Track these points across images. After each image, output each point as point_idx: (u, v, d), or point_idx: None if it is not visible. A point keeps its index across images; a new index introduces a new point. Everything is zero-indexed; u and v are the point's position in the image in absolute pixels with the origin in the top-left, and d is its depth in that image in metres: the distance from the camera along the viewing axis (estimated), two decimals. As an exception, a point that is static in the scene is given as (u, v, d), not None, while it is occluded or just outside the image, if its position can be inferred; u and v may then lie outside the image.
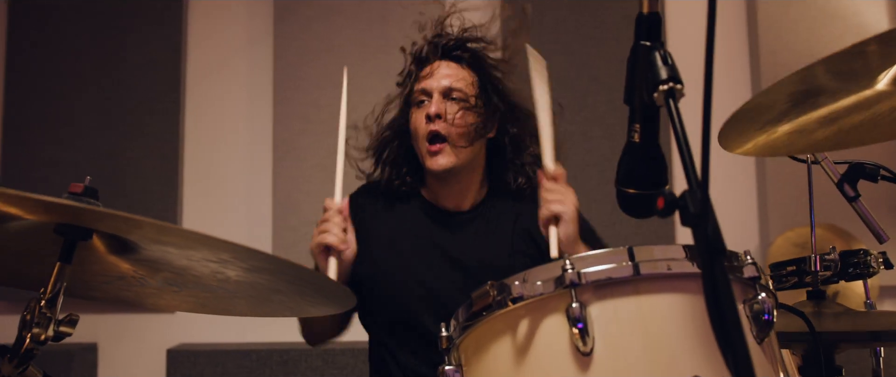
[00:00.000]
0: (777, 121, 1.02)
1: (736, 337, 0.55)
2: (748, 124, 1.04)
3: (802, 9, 3.35)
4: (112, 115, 3.05)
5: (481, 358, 0.86)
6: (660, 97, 0.67)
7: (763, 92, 0.97)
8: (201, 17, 3.20)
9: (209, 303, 1.06)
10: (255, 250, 0.81)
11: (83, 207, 0.78)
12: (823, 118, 1.01)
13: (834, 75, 0.98)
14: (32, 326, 0.80)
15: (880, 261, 1.45)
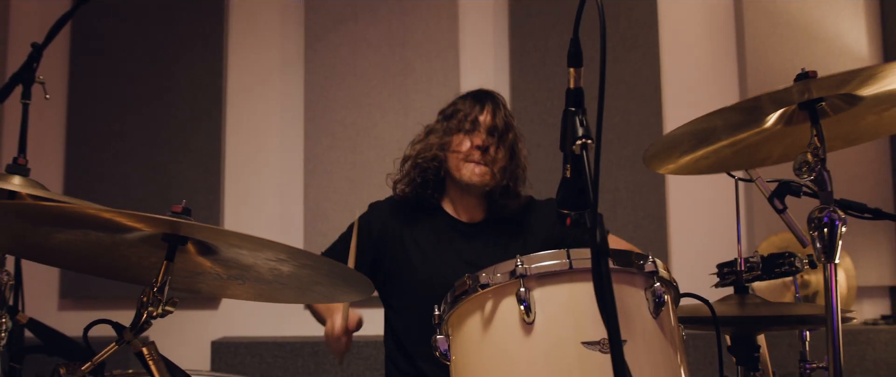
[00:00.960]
0: (690, 150, 1.35)
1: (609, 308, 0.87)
2: (668, 152, 1.37)
3: (787, 31, 3.63)
4: (161, 133, 3.39)
5: (461, 329, 1.18)
6: (578, 148, 0.99)
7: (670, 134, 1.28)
8: (239, 45, 3.53)
9: (264, 293, 1.40)
10: (304, 251, 1.13)
11: (183, 222, 1.10)
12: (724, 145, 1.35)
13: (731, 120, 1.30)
14: (148, 306, 1.14)
15: (805, 262, 1.72)
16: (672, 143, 1.35)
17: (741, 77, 3.56)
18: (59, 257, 1.33)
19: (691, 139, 1.32)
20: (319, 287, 1.32)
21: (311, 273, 1.26)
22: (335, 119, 3.38)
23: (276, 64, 3.53)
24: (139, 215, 1.07)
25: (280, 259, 1.18)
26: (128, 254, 1.28)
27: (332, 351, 1.78)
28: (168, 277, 1.14)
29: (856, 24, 3.60)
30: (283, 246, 1.10)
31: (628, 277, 1.14)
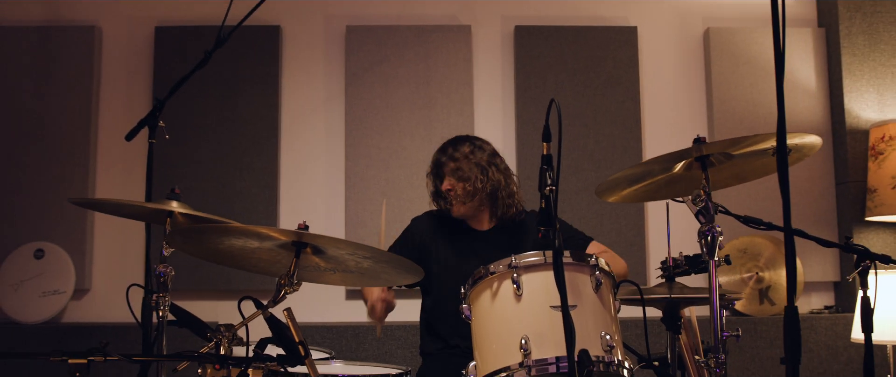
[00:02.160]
0: (628, 186, 2.03)
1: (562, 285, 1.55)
2: (613, 188, 2.06)
3: (747, 69, 4.12)
4: (227, 157, 3.92)
5: (478, 300, 1.86)
6: (546, 191, 1.66)
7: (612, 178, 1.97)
8: (291, 83, 4.07)
9: (348, 279, 2.10)
10: (379, 249, 1.83)
11: (305, 233, 1.79)
12: (650, 182, 2.03)
13: (653, 167, 1.99)
14: (284, 287, 1.83)
15: (721, 260, 2.37)
16: (615, 183, 2.05)
17: (709, 108, 4.12)
18: (222, 258, 2.03)
19: (627, 180, 2.02)
20: (385, 274, 2.02)
21: (383, 265, 1.96)
22: (371, 144, 3.96)
23: (322, 99, 4.07)
24: (281, 230, 1.77)
25: (364, 256, 1.87)
26: (261, 255, 1.97)
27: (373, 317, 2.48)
28: (296, 270, 1.84)
29: (806, 63, 4.11)
30: (368, 246, 1.79)
31: (580, 267, 1.82)
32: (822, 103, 4.11)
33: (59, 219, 3.90)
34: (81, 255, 3.89)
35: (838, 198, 4.04)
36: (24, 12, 4.10)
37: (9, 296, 3.81)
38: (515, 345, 1.71)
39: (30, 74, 3.99)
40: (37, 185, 3.91)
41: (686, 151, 1.93)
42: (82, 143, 3.96)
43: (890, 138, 3.63)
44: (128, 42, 4.09)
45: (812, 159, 4.01)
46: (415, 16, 4.13)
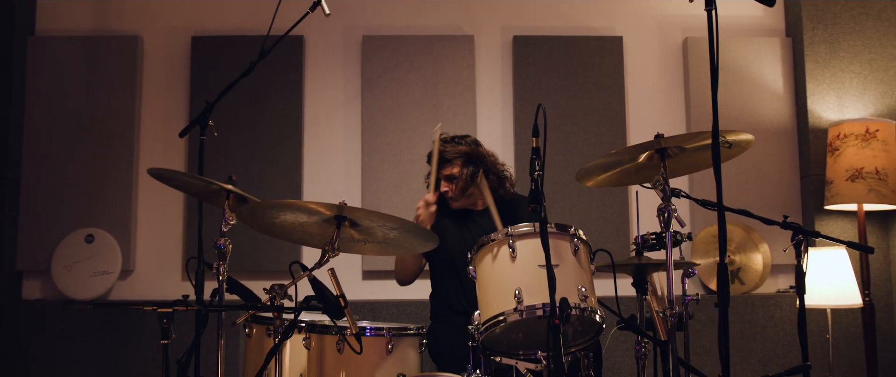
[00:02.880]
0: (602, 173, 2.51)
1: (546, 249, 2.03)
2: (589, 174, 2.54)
3: (723, 74, 4.61)
4: (256, 152, 4.36)
5: (481, 261, 2.33)
6: (535, 176, 2.13)
7: (589, 165, 2.45)
8: (313, 87, 4.51)
9: (376, 249, 2.57)
10: (407, 221, 2.31)
11: (346, 207, 2.27)
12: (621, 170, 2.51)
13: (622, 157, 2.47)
14: (328, 253, 2.30)
15: (685, 237, 2.82)
16: (591, 169, 2.53)
17: (687, 109, 4.59)
18: (276, 230, 2.51)
19: (600, 167, 2.50)
20: (407, 243, 2.51)
21: (405, 234, 2.44)
22: (384, 141, 4.41)
23: (341, 101, 4.53)
24: (327, 204, 2.24)
25: (390, 227, 2.35)
26: (308, 228, 2.45)
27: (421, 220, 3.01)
28: (337, 240, 2.32)
29: (775, 69, 4.57)
30: (398, 218, 2.27)
31: (562, 235, 2.30)
32: (789, 105, 4.58)
33: (106, 208, 4.37)
34: (127, 240, 4.37)
35: (802, 189, 4.52)
36: (74, 24, 4.57)
37: (63, 277, 4.28)
38: (511, 295, 2.19)
39: (80, 79, 4.45)
40: (86, 177, 4.38)
41: (648, 144, 2.41)
42: (127, 140, 4.43)
43: (845, 136, 4.10)
44: (167, 50, 4.56)
45: (780, 155, 4.51)
46: (424, 26, 4.60)
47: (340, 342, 2.47)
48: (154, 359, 4.13)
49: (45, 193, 4.36)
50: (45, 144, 4.40)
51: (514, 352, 2.37)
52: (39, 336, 4.16)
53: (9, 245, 4.29)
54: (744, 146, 2.60)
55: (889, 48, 4.49)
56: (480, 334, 2.29)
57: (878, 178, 3.97)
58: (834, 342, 4.23)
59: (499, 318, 2.21)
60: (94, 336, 4.19)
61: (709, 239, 4.47)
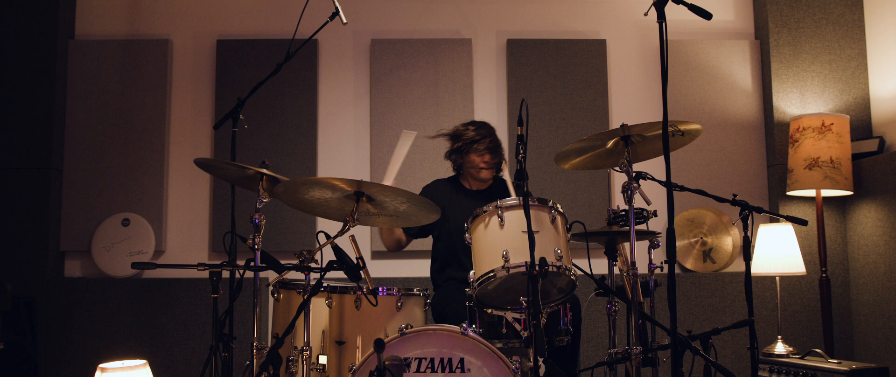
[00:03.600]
0: (576, 157, 3.00)
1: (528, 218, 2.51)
2: (565, 158, 3.02)
3: (696, 73, 5.02)
4: (275, 144, 4.83)
5: (476, 229, 2.80)
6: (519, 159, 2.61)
7: (564, 149, 2.93)
8: (327, 85, 4.99)
9: (388, 221, 3.05)
10: (414, 194, 2.78)
11: (364, 183, 2.74)
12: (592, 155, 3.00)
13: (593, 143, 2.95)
14: (348, 224, 2.78)
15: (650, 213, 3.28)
16: (566, 154, 3.01)
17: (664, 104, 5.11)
18: (304, 205, 2.99)
19: (575, 152, 2.98)
20: (414, 215, 2.98)
21: (413, 207, 2.92)
22: (391, 134, 4.83)
23: (351, 98, 5.01)
24: (348, 180, 2.72)
25: (401, 201, 2.83)
26: (331, 203, 2.93)
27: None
28: (356, 213, 2.80)
29: (744, 68, 5.05)
30: (408, 192, 2.76)
31: (542, 207, 2.77)
32: (757, 101, 5.06)
33: (141, 195, 4.86)
34: (159, 223, 4.85)
35: (769, 177, 5.00)
36: (109, 28, 5.05)
37: (102, 256, 4.77)
38: (499, 256, 2.67)
39: (115, 78, 4.94)
40: (122, 167, 4.86)
41: (614, 131, 2.89)
42: (158, 133, 4.91)
43: (804, 129, 4.57)
44: (194, 52, 5.04)
45: (748, 146, 4.99)
46: (426, 31, 5.08)
47: (358, 300, 2.95)
48: (184, 328, 4.62)
49: (85, 181, 4.84)
50: (85, 137, 4.88)
51: (503, 306, 2.85)
52: (81, 309, 4.65)
53: (53, 228, 4.77)
54: (693, 134, 3.07)
55: (847, 50, 4.96)
56: (474, 290, 2.77)
57: (833, 166, 4.44)
58: (795, 315, 4.72)
59: (490, 275, 2.69)
60: (130, 308, 4.67)
61: (683, 223, 4.94)
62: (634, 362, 2.89)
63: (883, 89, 4.82)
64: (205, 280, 4.48)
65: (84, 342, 4.62)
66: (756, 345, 3.18)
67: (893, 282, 4.33)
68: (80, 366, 4.57)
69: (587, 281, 3.19)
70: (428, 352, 2.50)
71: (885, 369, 3.15)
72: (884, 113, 4.80)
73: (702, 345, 3.05)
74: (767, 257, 4.22)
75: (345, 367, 2.92)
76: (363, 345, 2.93)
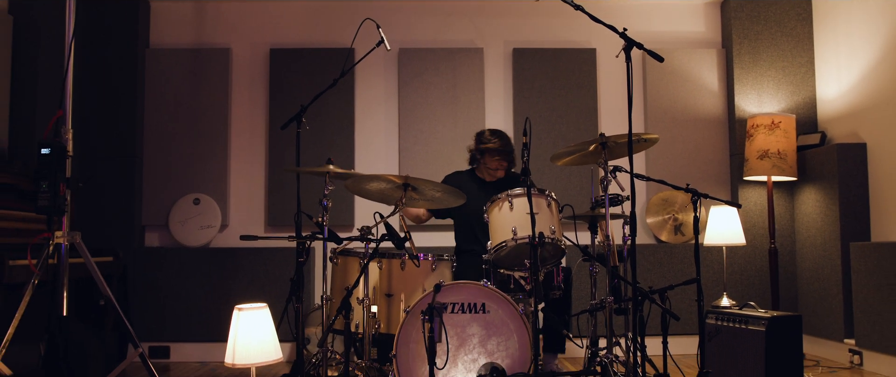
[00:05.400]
0: (567, 156, 3.99)
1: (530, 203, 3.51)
2: (559, 157, 4.01)
3: (672, 78, 6.03)
4: (319, 139, 5.79)
5: (491, 211, 3.79)
6: (524, 160, 3.60)
7: (559, 151, 3.93)
8: (362, 87, 5.92)
9: (425, 204, 4.05)
10: (445, 185, 3.77)
11: (410, 178, 3.73)
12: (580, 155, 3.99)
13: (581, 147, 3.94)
14: (398, 208, 3.77)
15: (624, 198, 4.26)
16: (559, 155, 4.00)
17: (646, 104, 6.04)
18: (362, 192, 3.98)
19: (566, 153, 3.97)
20: (445, 200, 3.98)
21: (444, 194, 3.91)
22: (416, 129, 5.83)
23: (382, 98, 5.96)
24: (399, 176, 3.72)
25: (436, 189, 3.83)
26: (383, 191, 3.93)
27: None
28: (403, 199, 3.79)
29: (712, 73, 5.97)
30: (442, 185, 3.75)
31: (541, 195, 3.75)
32: (722, 101, 6.04)
33: (209, 179, 5.85)
34: (224, 203, 5.85)
35: (731, 165, 5.98)
36: (178, 38, 6.02)
37: (178, 229, 5.77)
38: (509, 231, 3.66)
39: (184, 81, 5.91)
40: (193, 156, 5.85)
41: (595, 140, 3.88)
42: (222, 128, 5.90)
43: (757, 126, 5.55)
44: (251, 59, 6.01)
45: (714, 139, 5.96)
46: (445, 41, 6.04)
47: (403, 263, 3.95)
48: (248, 288, 5.61)
49: (162, 168, 5.84)
50: (161, 131, 5.87)
51: (512, 267, 3.85)
52: (159, 274, 5.65)
53: (136, 206, 5.77)
54: (652, 141, 4.04)
55: (798, 58, 5.92)
56: (491, 255, 3.77)
57: (780, 157, 5.43)
58: (748, 278, 5.73)
59: (502, 244, 3.69)
60: (202, 273, 5.68)
61: (658, 202, 5.93)
62: (608, 310, 3.89)
63: (827, 91, 5.78)
64: (264, 249, 5.53)
65: (162, 300, 5.63)
66: (702, 298, 4.19)
67: (827, 252, 5.33)
68: (159, 319, 5.58)
69: (577, 250, 4.19)
70: (459, 299, 3.48)
71: (799, 317, 4.11)
72: (827, 111, 5.77)
73: (661, 298, 4.05)
74: (717, 231, 5.24)
75: (392, 314, 3.92)
76: (406, 298, 3.92)
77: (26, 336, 3.41)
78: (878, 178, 5.08)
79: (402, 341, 3.41)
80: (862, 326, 4.84)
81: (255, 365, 3.29)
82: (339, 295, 4.01)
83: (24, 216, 4.08)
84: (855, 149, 5.22)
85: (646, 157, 5.92)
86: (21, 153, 4.72)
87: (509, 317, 3.41)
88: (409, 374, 3.37)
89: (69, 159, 3.33)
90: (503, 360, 3.36)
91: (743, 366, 4.02)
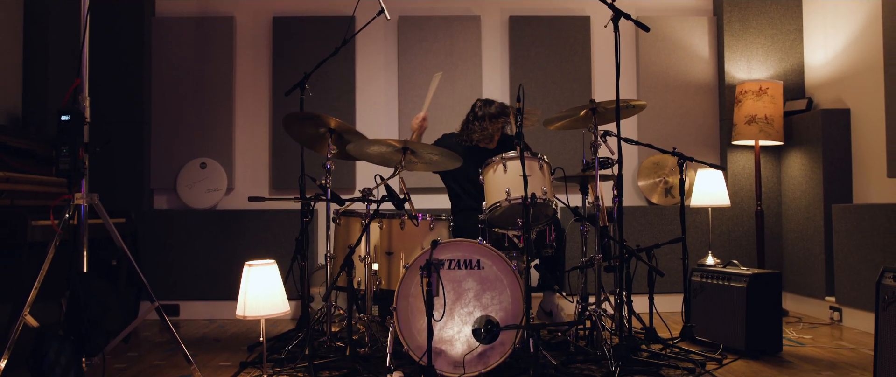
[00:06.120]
0: (560, 120, 4.18)
1: (523, 166, 3.72)
2: (552, 122, 4.20)
3: (663, 45, 6.22)
4: (321, 103, 5.95)
5: (487, 172, 3.97)
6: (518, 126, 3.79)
7: (552, 116, 4.12)
8: (362, 53, 6.10)
9: (424, 167, 4.25)
10: (442, 148, 3.97)
11: (409, 142, 3.92)
12: (572, 119, 4.18)
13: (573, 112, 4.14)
14: (399, 170, 3.97)
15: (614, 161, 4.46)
16: (551, 119, 4.19)
17: (638, 71, 6.22)
18: (363, 156, 4.18)
19: (558, 118, 4.16)
20: (442, 162, 4.18)
21: (441, 157, 4.11)
22: (415, 94, 6.01)
23: (382, 65, 6.14)
24: (398, 140, 3.92)
25: (434, 153, 4.03)
26: (383, 155, 4.13)
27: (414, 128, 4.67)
28: (404, 161, 3.99)
29: (703, 40, 6.16)
30: (439, 148, 3.95)
31: (533, 158, 3.94)
32: (713, 68, 6.21)
33: (215, 144, 6.06)
34: (230, 166, 6.06)
35: (720, 130, 6.18)
36: (183, 6, 6.18)
37: (185, 192, 5.98)
38: (503, 192, 3.87)
39: (190, 49, 6.08)
40: (199, 122, 6.05)
41: (584, 105, 4.06)
42: (227, 94, 6.09)
43: (745, 92, 5.73)
44: (254, 27, 6.18)
45: (704, 105, 6.14)
46: (443, 9, 6.20)
47: (402, 223, 4.16)
48: (253, 247, 5.82)
49: (169, 133, 6.04)
50: (168, 97, 6.05)
51: (506, 226, 4.06)
52: (168, 235, 5.87)
53: (144, 170, 5.97)
54: (640, 107, 4.23)
55: (787, 25, 6.08)
56: (486, 215, 3.97)
57: (767, 122, 5.62)
58: (735, 239, 5.95)
59: (496, 205, 3.90)
60: (209, 234, 5.90)
61: (650, 165, 6.14)
62: (597, 267, 4.11)
63: (814, 58, 5.95)
64: (268, 211, 5.74)
65: (172, 259, 5.85)
66: (687, 257, 4.42)
67: (811, 213, 5.54)
68: (169, 278, 5.82)
69: (570, 212, 4.40)
70: (455, 256, 3.68)
71: (779, 274, 4.31)
72: (814, 78, 5.95)
73: (647, 256, 4.27)
74: (703, 193, 5.45)
75: (393, 271, 4.14)
76: (406, 256, 4.14)
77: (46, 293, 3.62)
78: (861, 142, 5.28)
79: (401, 295, 3.63)
80: (842, 284, 5.07)
81: (264, 317, 3.51)
82: (341, 253, 4.23)
83: (41, 180, 4.27)
84: (839, 114, 5.41)
85: (637, 122, 6.11)
86: (35, 120, 4.91)
87: (503, 273, 3.63)
88: (408, 326, 3.59)
89: (87, 125, 3.52)
90: (497, 313, 3.59)
91: (725, 320, 4.25)
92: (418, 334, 3.58)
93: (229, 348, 4.55)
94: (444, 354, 3.55)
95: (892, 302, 3.02)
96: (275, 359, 3.97)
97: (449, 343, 3.57)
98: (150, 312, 3.64)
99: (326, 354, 4.03)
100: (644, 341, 4.30)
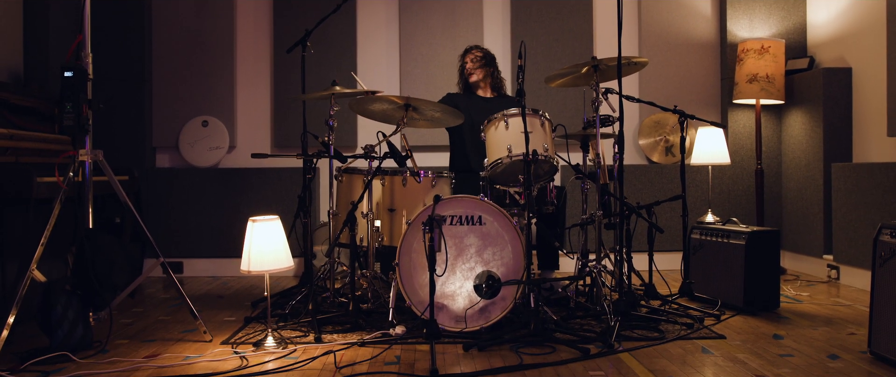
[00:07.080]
0: (562, 78, 4.19)
1: (524, 123, 3.73)
2: (553, 79, 4.21)
3: (664, 4, 6.28)
4: (322, 61, 5.96)
5: (488, 130, 3.99)
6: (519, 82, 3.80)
7: (552, 74, 4.12)
8: (364, 12, 6.08)
9: (426, 124, 4.26)
10: (444, 105, 3.98)
11: (411, 98, 3.94)
12: (572, 77, 4.19)
13: (574, 69, 4.14)
14: (401, 125, 3.99)
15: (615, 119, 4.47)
16: (553, 77, 4.20)
17: (640, 29, 6.20)
18: (365, 112, 4.19)
19: (560, 76, 4.17)
20: (444, 119, 4.20)
21: (442, 114, 4.13)
22: (417, 52, 6.02)
23: (383, 22, 6.12)
24: (401, 97, 3.93)
25: (435, 110, 4.04)
26: (385, 111, 4.14)
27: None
28: (405, 120, 4.01)
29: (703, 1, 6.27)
30: (441, 105, 3.97)
31: (535, 115, 3.96)
32: (714, 26, 6.20)
33: (216, 101, 6.06)
34: (231, 125, 6.07)
35: (721, 88, 6.18)
36: (183, -37, 6.16)
37: (187, 151, 6.01)
38: (505, 149, 3.89)
39: (190, 5, 6.06)
40: (201, 79, 6.05)
41: (587, 63, 4.07)
42: (228, 51, 6.08)
43: (747, 50, 5.72)
44: (254, -16, 6.17)
45: (706, 63, 6.14)
46: (444, -34, 6.18)
47: (404, 180, 4.18)
48: (255, 205, 5.85)
49: (171, 91, 6.04)
50: (170, 55, 6.05)
51: (507, 183, 4.09)
52: (171, 193, 5.91)
53: (146, 128, 5.99)
54: (642, 65, 4.23)
55: (790, -17, 6.07)
56: (488, 172, 4.00)
57: (768, 81, 5.62)
58: (735, 198, 5.98)
59: (498, 161, 3.92)
60: (211, 192, 5.93)
61: (651, 124, 6.15)
62: (597, 224, 4.15)
63: (817, 17, 5.93)
64: (270, 169, 5.77)
65: (173, 218, 5.90)
66: (687, 214, 4.46)
67: (811, 172, 5.57)
68: (172, 236, 5.87)
69: (571, 169, 4.42)
70: (457, 212, 3.72)
71: (777, 232, 4.35)
72: (817, 37, 5.93)
73: (647, 213, 4.30)
74: (703, 151, 5.47)
75: (395, 228, 4.18)
76: (408, 213, 4.17)
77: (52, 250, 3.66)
78: (862, 101, 5.28)
79: (404, 251, 3.67)
80: (840, 243, 5.11)
81: (268, 271, 3.55)
82: (344, 210, 4.26)
83: (44, 137, 4.29)
84: (840, 73, 5.41)
85: (639, 80, 6.11)
86: (37, 77, 4.91)
87: (504, 229, 3.67)
88: (410, 282, 3.64)
89: (90, 82, 3.53)
90: (498, 268, 3.63)
91: (724, 277, 4.30)
92: (420, 289, 3.63)
93: (233, 305, 4.61)
94: (445, 309, 3.60)
95: (889, 257, 3.05)
96: (278, 314, 4.02)
97: (451, 298, 3.62)
98: (154, 268, 3.69)
99: (329, 310, 4.08)
100: (643, 297, 4.35)
